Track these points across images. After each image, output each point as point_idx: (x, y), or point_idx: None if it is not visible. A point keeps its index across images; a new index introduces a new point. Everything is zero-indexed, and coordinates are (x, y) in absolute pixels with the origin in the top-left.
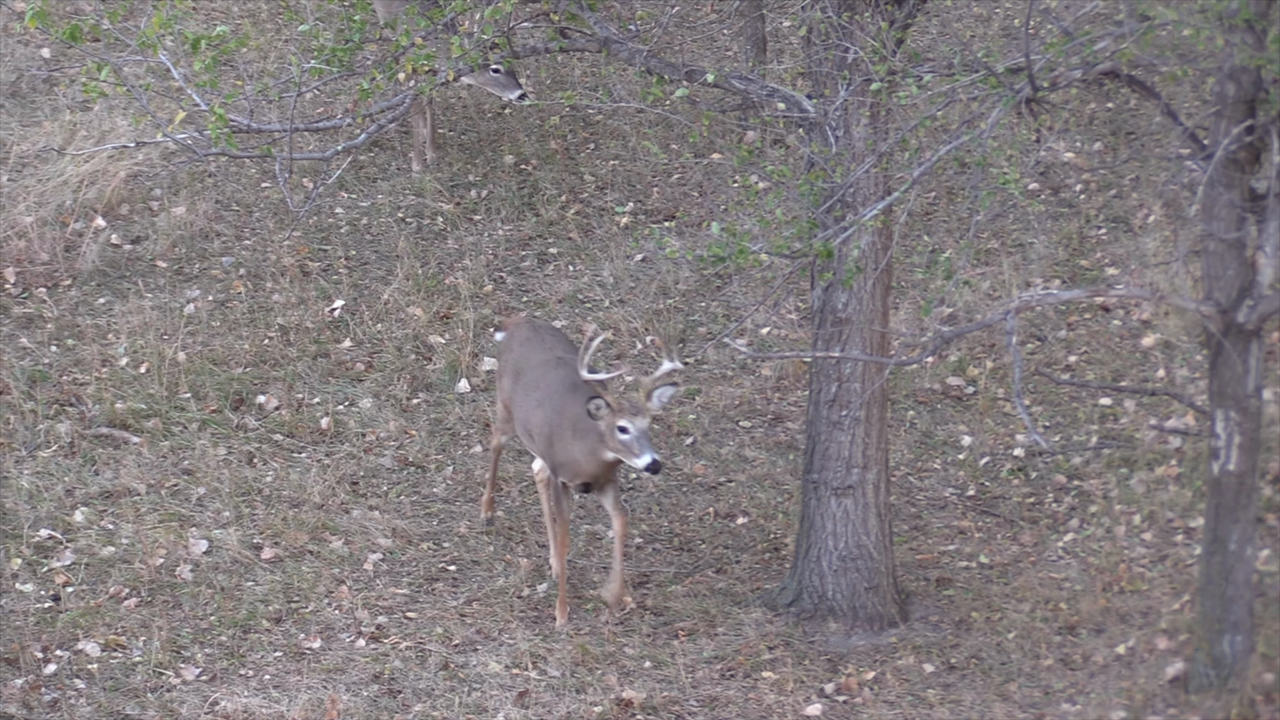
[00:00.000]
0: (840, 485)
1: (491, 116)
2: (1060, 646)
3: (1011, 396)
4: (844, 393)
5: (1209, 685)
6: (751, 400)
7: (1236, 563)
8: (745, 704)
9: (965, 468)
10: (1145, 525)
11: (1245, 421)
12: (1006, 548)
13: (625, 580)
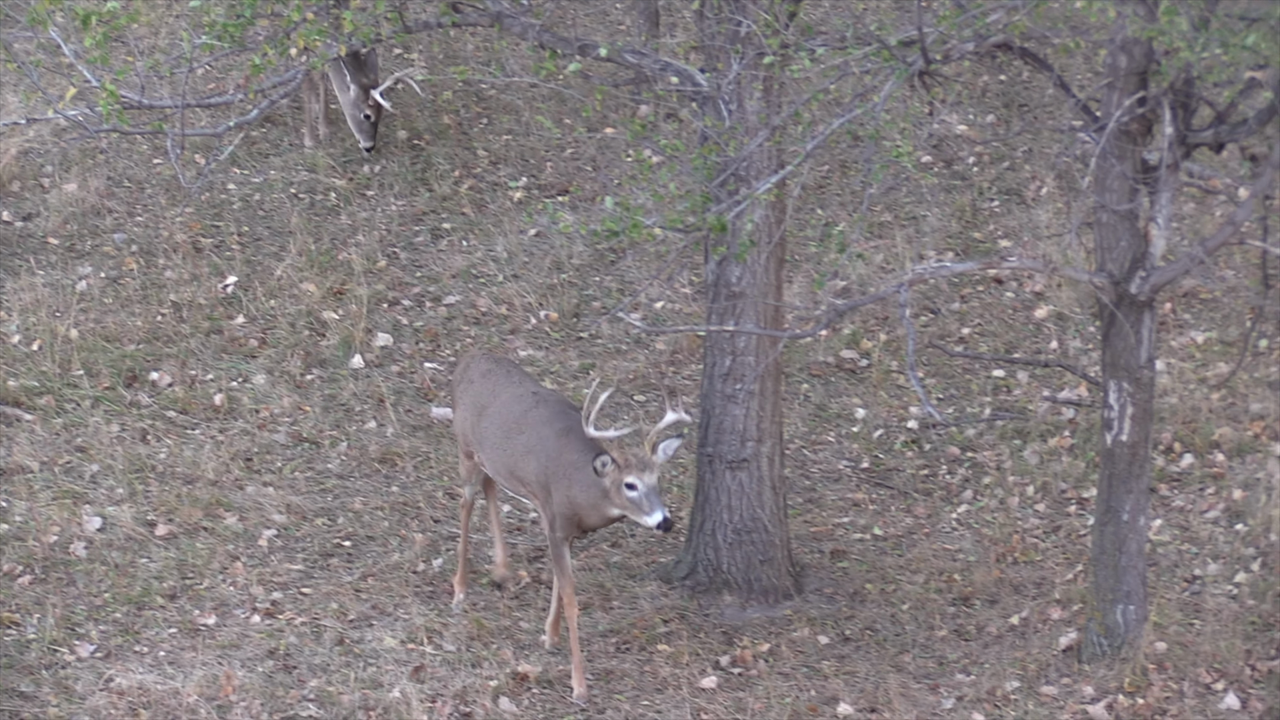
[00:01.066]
0: (735, 459)
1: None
2: (954, 617)
3: (905, 369)
4: (738, 366)
5: (1102, 654)
6: (646, 374)
7: (1129, 533)
8: (640, 677)
9: (859, 440)
10: (1038, 496)
11: (1138, 392)
12: (900, 519)
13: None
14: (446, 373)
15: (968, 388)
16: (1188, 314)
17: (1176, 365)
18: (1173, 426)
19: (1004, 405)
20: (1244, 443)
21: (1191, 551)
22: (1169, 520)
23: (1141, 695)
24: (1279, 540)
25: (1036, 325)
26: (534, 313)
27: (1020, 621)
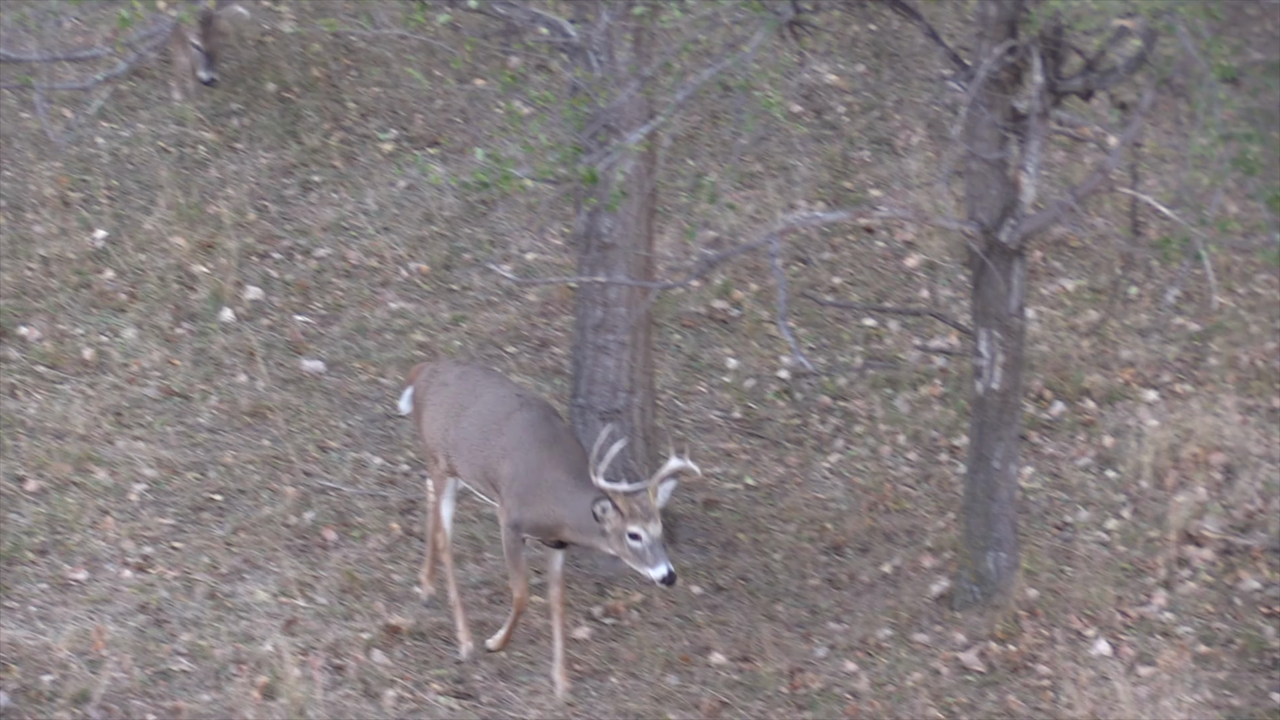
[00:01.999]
0: (607, 409)
1: (253, 44)
2: (826, 566)
3: (776, 319)
4: (609, 317)
5: (974, 602)
6: (517, 326)
7: (1000, 480)
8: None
9: (731, 390)
10: (910, 445)
11: (1008, 340)
12: (772, 469)
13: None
14: (318, 325)
15: (839, 337)
16: (1058, 261)
17: (1047, 313)
18: (1043, 374)
19: (875, 354)
20: (1114, 390)
21: (1062, 498)
22: (1040, 467)
23: (1013, 642)
24: (1149, 486)
25: (907, 274)
26: (405, 265)
27: (892, 570)
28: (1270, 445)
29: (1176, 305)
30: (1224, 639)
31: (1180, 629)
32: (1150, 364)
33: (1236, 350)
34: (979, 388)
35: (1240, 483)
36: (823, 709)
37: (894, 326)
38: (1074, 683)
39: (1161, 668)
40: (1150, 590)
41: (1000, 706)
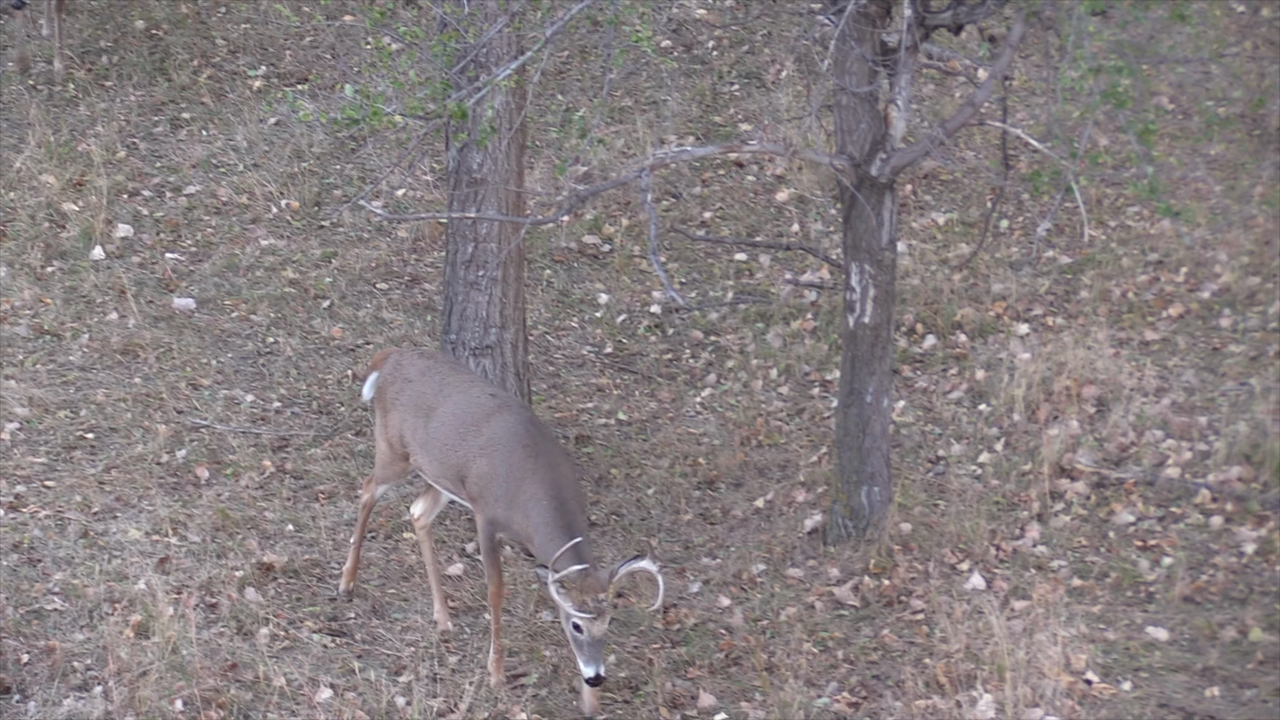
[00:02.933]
0: (478, 345)
1: None
2: (699, 501)
3: (647, 254)
4: (480, 253)
5: (847, 536)
6: (388, 262)
7: (873, 414)
8: (387, 565)
9: (603, 325)
10: (782, 379)
11: (879, 274)
12: (645, 404)
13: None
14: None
15: (710, 272)
16: (929, 195)
17: (918, 247)
18: (915, 308)
19: (746, 289)
20: (986, 323)
21: (935, 432)
22: (912, 401)
23: (887, 576)
24: (1021, 420)
25: (778, 208)
26: (275, 202)
27: (765, 504)
28: (1143, 378)
29: (1048, 238)
30: (1098, 572)
31: (1054, 562)
32: (1022, 297)
33: (1108, 283)
34: (850, 322)
35: (1113, 416)
36: (697, 644)
37: (765, 261)
38: (948, 617)
39: (1035, 601)
40: (1024, 524)
41: (875, 640)
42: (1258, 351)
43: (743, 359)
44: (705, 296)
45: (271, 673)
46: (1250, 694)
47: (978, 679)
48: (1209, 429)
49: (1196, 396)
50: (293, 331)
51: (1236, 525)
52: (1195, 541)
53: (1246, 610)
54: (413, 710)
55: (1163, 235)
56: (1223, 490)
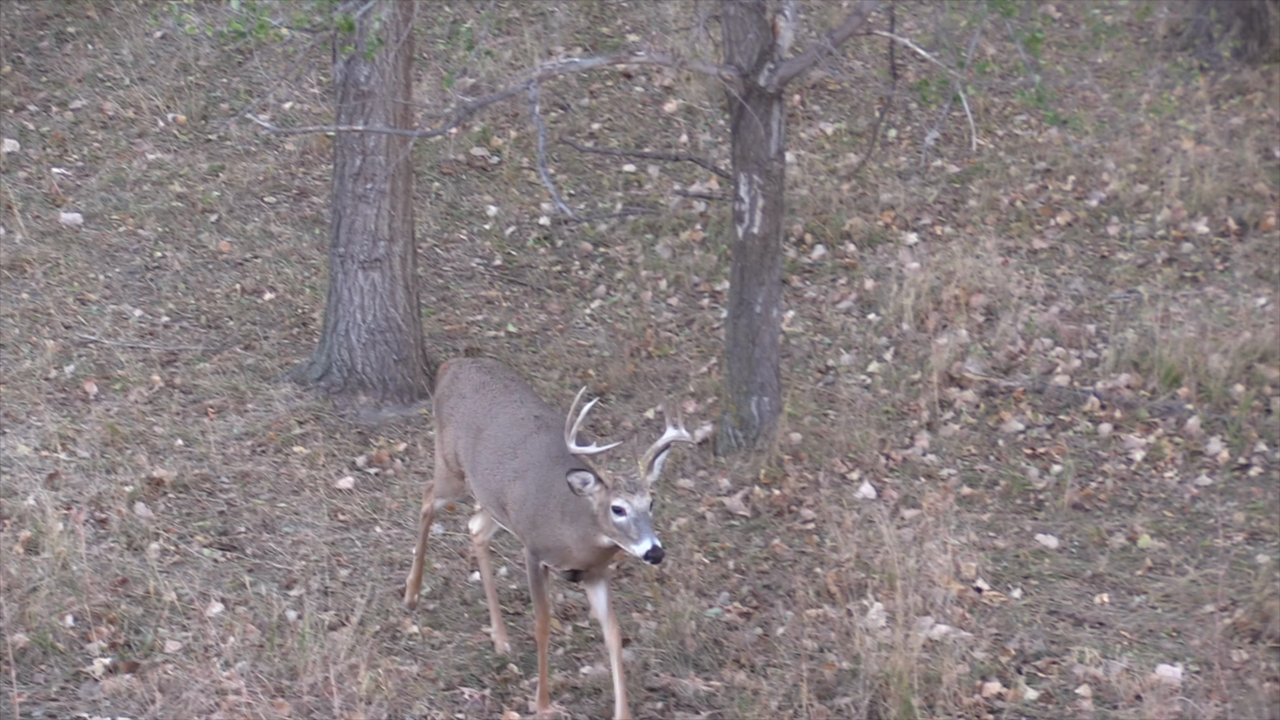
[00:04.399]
0: (367, 259)
1: None
2: (590, 413)
3: (536, 165)
4: (368, 166)
5: (737, 447)
6: (276, 175)
7: (762, 325)
8: (277, 479)
9: (491, 238)
10: (671, 290)
11: (768, 185)
12: (534, 316)
13: (629, 703)
14: (75, 177)
15: (599, 183)
16: (817, 105)
17: (806, 157)
18: (803, 218)
19: (635, 200)
20: (874, 233)
21: (824, 342)
22: (802, 311)
23: (777, 486)
24: (910, 329)
25: (666, 119)
26: (161, 116)
27: (655, 415)
28: (1031, 287)
29: (936, 148)
30: (987, 480)
31: (944, 471)
32: (910, 207)
33: (996, 192)
34: (739, 232)
35: (1001, 324)
36: None
37: (654, 172)
38: (838, 526)
39: (925, 510)
40: (913, 433)
41: (765, 550)
42: (1145, 259)
43: (632, 270)
44: (594, 208)
45: (162, 588)
46: (1139, 600)
47: (868, 588)
48: (1097, 336)
49: (1085, 304)
50: (180, 246)
51: (1125, 433)
52: (1084, 449)
53: (1135, 517)
54: (304, 624)
55: (1050, 144)
56: (1111, 398)
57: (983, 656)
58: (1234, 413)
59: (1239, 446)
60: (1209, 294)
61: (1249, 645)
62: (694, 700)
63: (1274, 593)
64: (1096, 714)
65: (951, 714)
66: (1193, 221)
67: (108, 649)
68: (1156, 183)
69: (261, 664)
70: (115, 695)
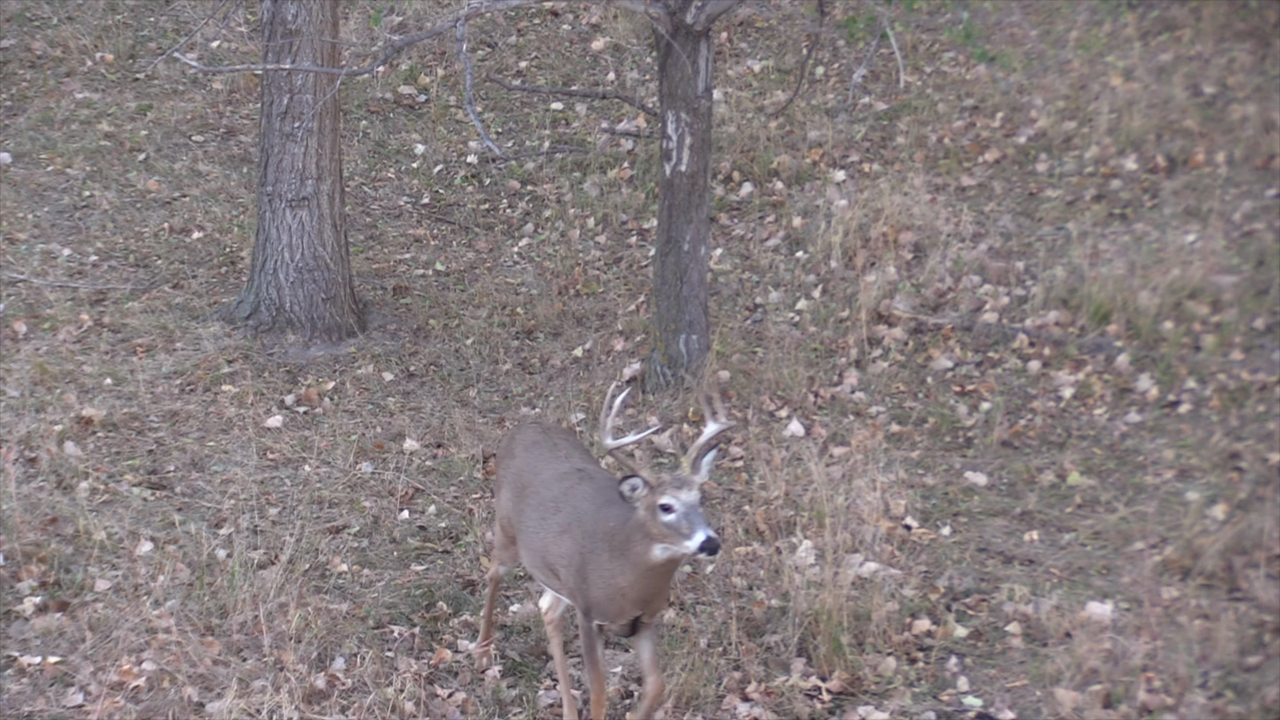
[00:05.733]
0: (295, 197)
1: None
2: (518, 351)
3: (463, 104)
4: (296, 105)
5: (666, 384)
6: (204, 115)
7: (690, 262)
8: (206, 418)
9: (419, 176)
10: (599, 228)
11: (696, 122)
12: (462, 254)
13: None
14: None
15: (527, 121)
16: (744, 43)
17: (734, 94)
18: (732, 155)
19: (563, 138)
20: (802, 170)
21: (753, 280)
22: (730, 249)
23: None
24: (838, 267)
25: (594, 57)
26: (90, 55)
27: (584, 353)
28: (960, 224)
29: (863, 85)
30: (916, 418)
31: (872, 409)
32: (838, 144)
33: (925, 129)
34: (667, 170)
35: (930, 262)
36: None
37: (581, 110)
38: (767, 464)
39: (854, 447)
40: (842, 370)
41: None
42: (1074, 196)
43: (560, 208)
44: (522, 146)
45: (92, 526)
46: (1069, 537)
47: (797, 525)
48: (1026, 274)
49: (1013, 241)
50: (109, 185)
51: (1054, 370)
52: (1013, 386)
53: (1065, 454)
54: (234, 562)
55: (979, 80)
56: (1040, 335)
57: (912, 594)
58: (1163, 350)
59: (1168, 383)
60: (1138, 231)
61: (1179, 582)
62: (622, 639)
63: (1203, 530)
64: (1026, 651)
65: (881, 651)
66: (1121, 158)
67: (38, 588)
68: (1085, 119)
69: (191, 602)
70: (45, 634)
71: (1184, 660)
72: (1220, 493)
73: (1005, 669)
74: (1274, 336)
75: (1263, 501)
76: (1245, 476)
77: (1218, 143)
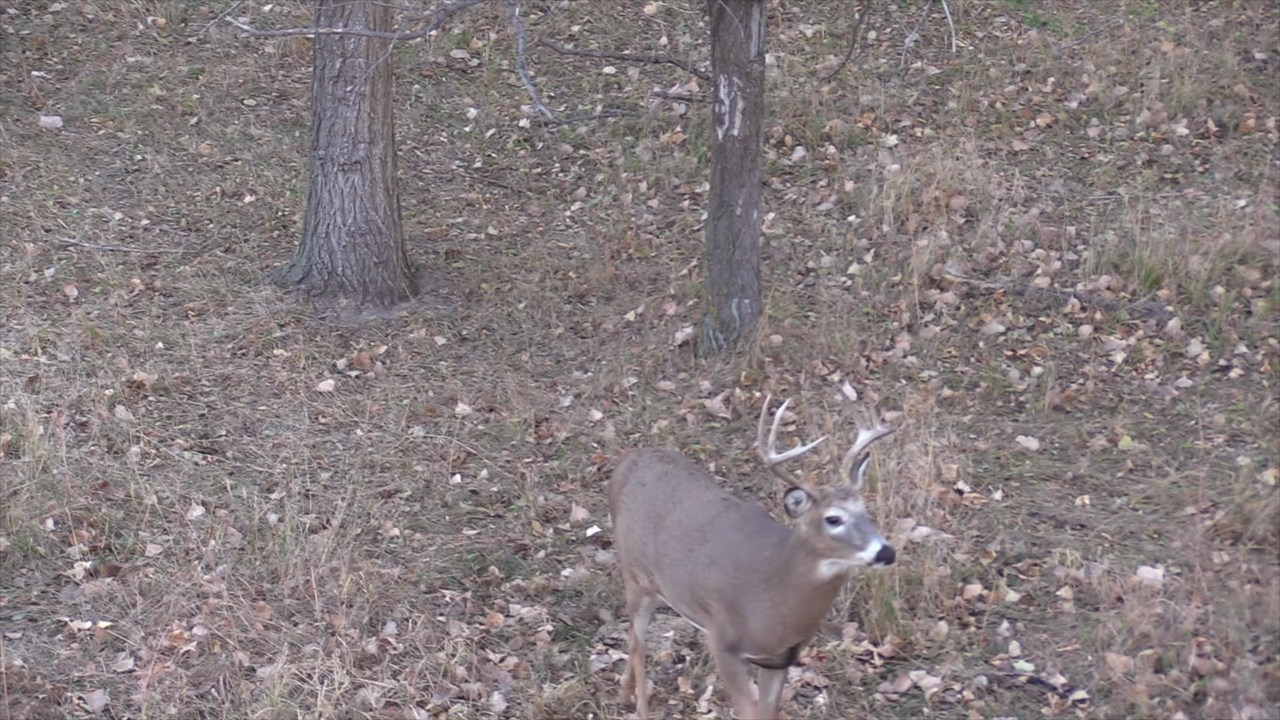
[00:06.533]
0: (347, 161)
1: None
2: (570, 315)
3: (516, 68)
4: (348, 68)
5: (718, 349)
6: (256, 78)
7: (742, 227)
8: (257, 382)
9: (472, 140)
10: (652, 192)
11: (748, 86)
12: (515, 218)
13: None
14: (55, 80)
15: (579, 85)
16: (796, 7)
17: (786, 59)
18: (784, 120)
19: (615, 102)
20: (854, 135)
21: (805, 244)
22: (782, 214)
23: (758, 388)
24: (890, 231)
25: (646, 21)
26: (141, 18)
27: (636, 318)
28: (1011, 188)
29: (915, 49)
30: (968, 382)
31: (924, 373)
32: (890, 108)
33: (976, 94)
34: (719, 134)
35: (982, 226)
36: (569, 458)
37: (634, 74)
38: (819, 428)
39: (906, 412)
40: (894, 335)
41: (746, 452)
42: (1125, 161)
43: (612, 173)
44: (574, 110)
45: (143, 491)
46: (1120, 502)
47: None
48: (1077, 238)
49: (1065, 206)
50: (160, 149)
51: (1105, 334)
52: (1065, 351)
53: (1116, 419)
54: (285, 527)
55: (1030, 45)
56: (1091, 299)
57: (964, 559)
58: (1214, 314)
59: (1219, 348)
60: (1189, 196)
61: (1230, 547)
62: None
63: (1254, 495)
64: (1078, 615)
65: (933, 616)
66: (1172, 123)
67: (88, 552)
68: (1136, 84)
69: (242, 567)
70: (96, 599)
71: (1235, 625)
72: (1271, 457)
73: (1056, 634)
74: None
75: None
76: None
77: (1268, 108)
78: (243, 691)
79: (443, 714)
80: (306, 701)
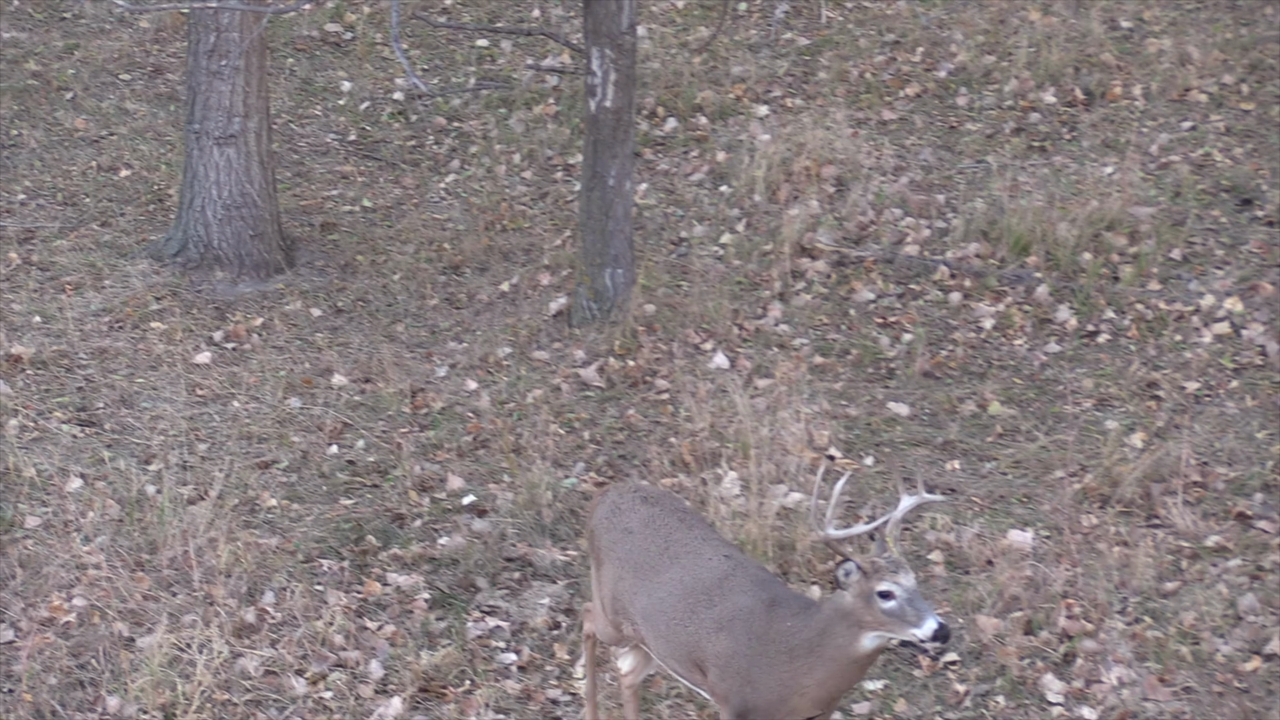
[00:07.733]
0: (222, 135)
1: None
2: (445, 286)
3: (389, 41)
4: (223, 42)
5: (592, 318)
6: (131, 53)
7: (615, 197)
8: (135, 355)
9: (346, 113)
10: (525, 164)
11: (620, 58)
12: (389, 191)
13: None
14: None
15: (452, 58)
16: None
17: (658, 30)
18: (656, 91)
19: (489, 74)
20: (726, 105)
21: (677, 214)
22: (654, 184)
23: (632, 357)
24: (762, 200)
25: None
26: None
27: (510, 288)
28: (881, 157)
29: (785, 20)
30: (840, 350)
31: (796, 341)
32: (761, 79)
33: (846, 64)
34: (592, 106)
35: (852, 195)
36: (445, 428)
37: (507, 46)
38: (692, 396)
39: (778, 379)
40: (766, 303)
41: (620, 421)
42: (993, 129)
43: (486, 144)
44: (448, 83)
45: (21, 464)
46: (990, 466)
47: (722, 456)
48: (947, 206)
49: (934, 174)
50: (36, 124)
51: (975, 301)
52: (935, 318)
53: (985, 385)
54: (163, 498)
55: (899, 15)
56: (961, 267)
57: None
58: (1082, 280)
59: (1087, 314)
60: (1056, 163)
61: (1098, 510)
62: (550, 570)
63: (1122, 458)
64: (949, 579)
65: (805, 580)
66: (1040, 92)
67: None
68: (1004, 53)
69: (121, 538)
70: None
71: (1103, 587)
72: (1138, 421)
73: (928, 596)
74: (1190, 267)
75: (1179, 430)
76: (1162, 405)
77: (1134, 76)
78: (122, 661)
79: (321, 681)
80: (186, 671)
